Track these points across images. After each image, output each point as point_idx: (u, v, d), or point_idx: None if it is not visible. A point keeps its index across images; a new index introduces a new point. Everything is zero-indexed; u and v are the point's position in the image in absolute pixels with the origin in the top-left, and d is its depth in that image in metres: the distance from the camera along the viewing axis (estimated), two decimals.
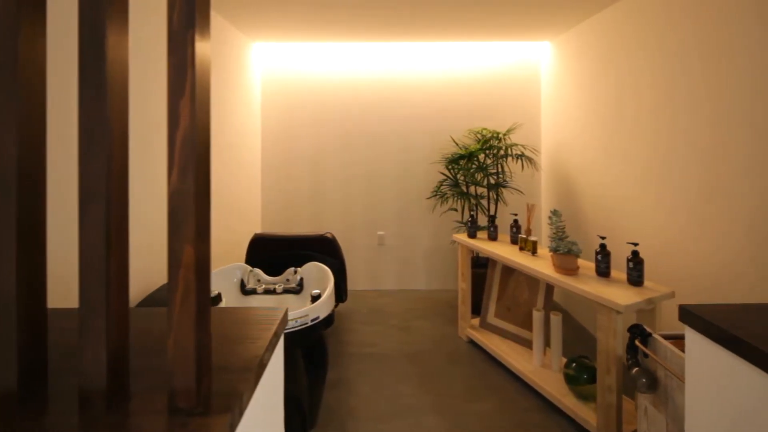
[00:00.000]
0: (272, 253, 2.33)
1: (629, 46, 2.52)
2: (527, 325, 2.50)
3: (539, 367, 2.28)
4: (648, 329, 1.18)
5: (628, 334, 1.25)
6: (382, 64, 3.66)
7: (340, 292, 2.52)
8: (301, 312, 1.57)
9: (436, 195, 3.35)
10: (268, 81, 3.66)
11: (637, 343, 1.16)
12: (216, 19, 2.84)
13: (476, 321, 2.81)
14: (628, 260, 1.87)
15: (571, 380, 2.03)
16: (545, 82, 3.65)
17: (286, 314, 0.89)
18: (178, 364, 0.55)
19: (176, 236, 0.55)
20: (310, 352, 2.37)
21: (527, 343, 2.47)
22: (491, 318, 2.70)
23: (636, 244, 1.90)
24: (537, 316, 2.30)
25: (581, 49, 3.08)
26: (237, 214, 3.23)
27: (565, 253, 2.03)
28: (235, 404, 0.58)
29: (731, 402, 0.79)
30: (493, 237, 2.69)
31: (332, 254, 2.40)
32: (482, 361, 2.51)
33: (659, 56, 2.26)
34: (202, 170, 0.57)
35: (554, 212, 2.21)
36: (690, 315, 0.87)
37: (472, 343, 2.70)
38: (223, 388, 0.60)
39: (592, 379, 1.95)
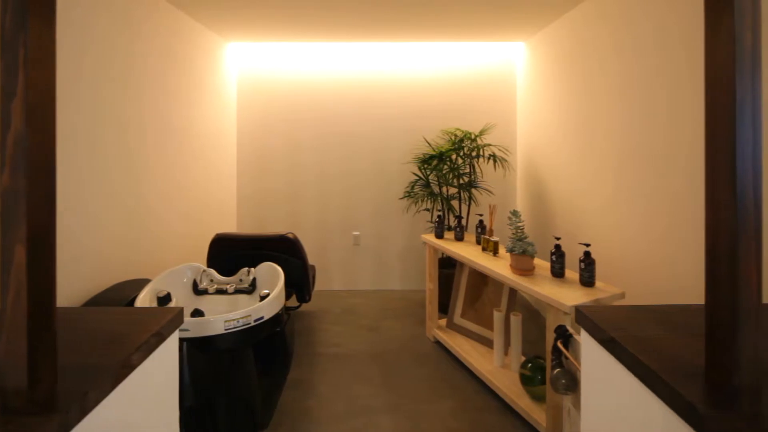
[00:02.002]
0: (233, 253, 2.34)
1: (602, 44, 2.45)
2: (492, 325, 2.49)
3: (499, 367, 2.28)
4: (570, 330, 1.18)
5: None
6: (358, 64, 3.66)
7: (303, 292, 2.52)
8: (243, 312, 1.57)
9: (408, 196, 3.35)
10: (244, 81, 3.67)
11: (558, 344, 1.16)
12: (186, 21, 2.85)
13: (444, 321, 2.80)
14: (581, 261, 1.87)
15: (526, 381, 2.02)
16: (521, 83, 3.65)
17: (179, 314, 0.89)
18: (8, 365, 0.55)
19: (7, 236, 0.55)
20: (273, 352, 2.37)
21: (492, 344, 2.47)
22: (458, 318, 2.70)
23: (588, 245, 1.89)
24: (497, 316, 2.29)
25: (553, 49, 3.08)
26: (211, 213, 3.24)
27: (520, 253, 2.03)
28: (74, 404, 0.58)
29: (613, 402, 0.79)
30: (459, 237, 2.69)
31: (295, 254, 2.40)
32: (446, 361, 2.50)
33: (631, 54, 2.19)
34: (40, 171, 0.58)
35: (514, 213, 2.21)
36: (582, 316, 0.87)
37: (439, 343, 2.70)
38: (72, 388, 0.61)
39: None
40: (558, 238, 2.00)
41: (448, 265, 3.16)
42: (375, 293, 3.63)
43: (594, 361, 0.84)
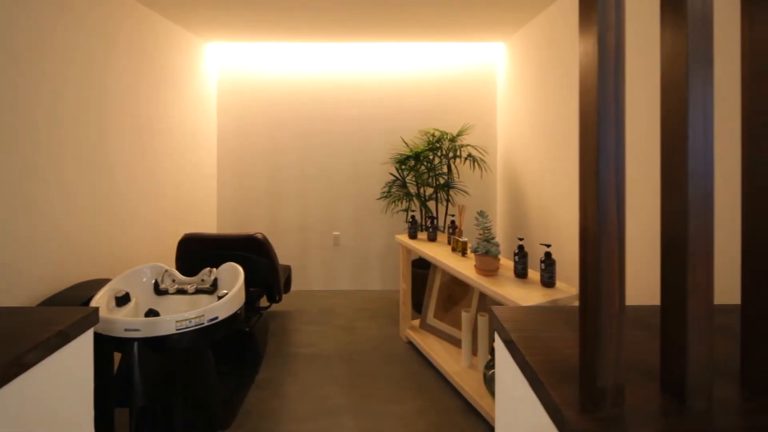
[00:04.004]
0: (202, 253, 2.34)
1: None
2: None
3: (467, 368, 2.27)
4: None
5: None
6: (339, 64, 3.66)
7: (273, 292, 2.52)
8: (196, 312, 1.57)
9: (385, 196, 3.34)
10: (224, 81, 3.67)
11: (494, 345, 1.15)
12: (163, 23, 2.85)
13: (417, 322, 2.80)
14: (541, 261, 1.86)
15: (488, 381, 2.01)
16: (501, 83, 3.64)
17: (93, 314, 0.89)
18: None
19: None
20: (241, 352, 2.37)
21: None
22: (431, 319, 2.70)
23: (549, 246, 1.89)
24: (465, 317, 2.29)
25: (532, 48, 3.07)
26: (191, 212, 3.24)
27: (483, 254, 2.03)
28: None
29: (513, 404, 0.79)
30: (432, 238, 2.69)
31: (264, 255, 2.40)
32: (417, 362, 2.50)
33: None
34: None
35: (480, 213, 2.20)
36: (493, 317, 0.87)
37: (411, 344, 2.70)
38: None
39: None
40: (521, 239, 2.00)
41: (424, 266, 3.16)
42: (354, 293, 3.63)
43: (501, 361, 0.84)
